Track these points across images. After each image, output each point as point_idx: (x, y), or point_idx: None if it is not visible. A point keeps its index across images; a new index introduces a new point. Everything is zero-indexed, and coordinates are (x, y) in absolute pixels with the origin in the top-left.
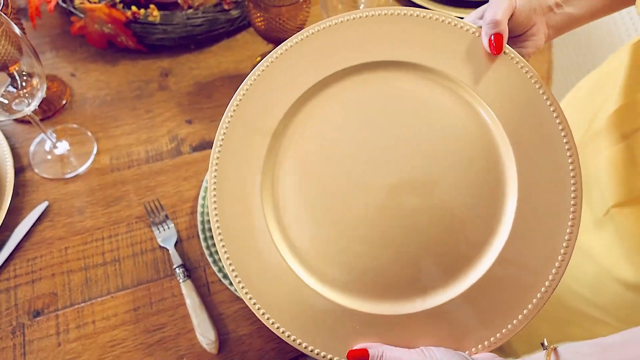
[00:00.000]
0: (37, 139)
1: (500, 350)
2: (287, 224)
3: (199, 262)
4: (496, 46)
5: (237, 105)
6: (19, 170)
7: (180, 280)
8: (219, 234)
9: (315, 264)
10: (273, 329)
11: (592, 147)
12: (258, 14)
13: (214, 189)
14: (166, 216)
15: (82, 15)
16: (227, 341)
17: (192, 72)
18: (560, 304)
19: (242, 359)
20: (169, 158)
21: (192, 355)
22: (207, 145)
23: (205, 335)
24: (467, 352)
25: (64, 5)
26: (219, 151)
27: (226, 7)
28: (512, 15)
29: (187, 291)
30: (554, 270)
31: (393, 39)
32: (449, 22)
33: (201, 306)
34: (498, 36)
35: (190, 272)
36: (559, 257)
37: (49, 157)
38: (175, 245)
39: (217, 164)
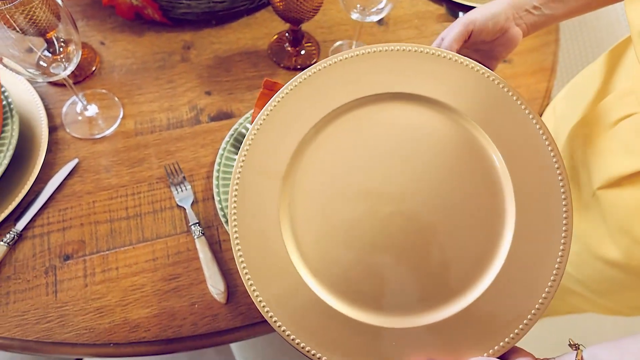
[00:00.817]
0: (69, 101)
1: None
2: (305, 251)
3: (212, 222)
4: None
5: (246, 151)
6: (52, 129)
7: (195, 237)
8: (240, 256)
9: (325, 278)
10: (280, 331)
11: (582, 135)
12: None
13: (235, 231)
14: (184, 178)
15: None
16: (235, 293)
17: (212, 46)
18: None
19: (248, 309)
20: (189, 126)
21: (203, 303)
22: (224, 116)
23: (215, 286)
24: None
25: None
26: (236, 195)
27: None
28: (470, 35)
29: (201, 246)
30: (537, 306)
31: (388, 73)
32: (444, 56)
33: (213, 260)
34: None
35: (204, 230)
36: (543, 295)
37: (80, 118)
38: (192, 205)
39: (235, 201)
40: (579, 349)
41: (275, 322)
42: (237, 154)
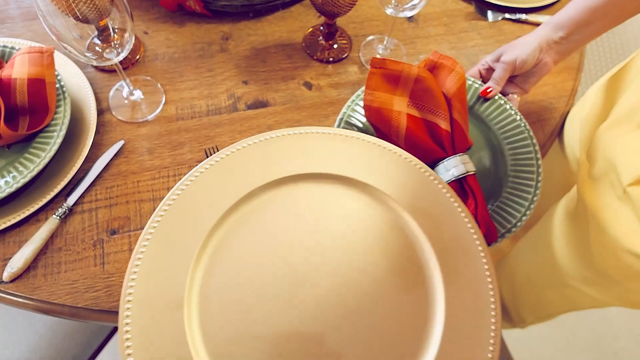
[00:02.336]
0: (115, 87)
1: (509, 319)
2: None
3: None
4: (484, 93)
5: (157, 222)
6: (100, 112)
7: None
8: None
9: None
10: None
11: (611, 134)
12: None
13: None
14: None
15: None
16: None
17: (249, 37)
18: (566, 268)
19: None
20: (227, 113)
21: None
22: (260, 104)
23: None
24: None
25: None
26: (138, 265)
27: None
28: (514, 69)
29: None
30: None
31: (302, 154)
32: (374, 143)
33: None
34: (490, 92)
35: None
36: None
37: (125, 102)
38: None
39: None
40: None
41: None
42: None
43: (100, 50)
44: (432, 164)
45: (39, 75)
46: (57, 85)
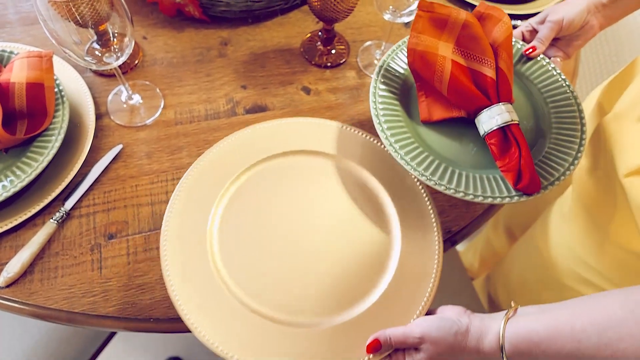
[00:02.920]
0: (114, 91)
1: None
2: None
3: None
4: (528, 52)
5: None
6: (98, 116)
7: None
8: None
9: (247, 288)
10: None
11: (612, 127)
12: None
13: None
14: None
15: None
16: None
17: (248, 43)
18: (561, 269)
19: None
20: (225, 117)
21: None
22: (258, 109)
23: None
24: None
25: None
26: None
27: None
28: (561, 28)
29: None
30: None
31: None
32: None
33: None
34: (534, 49)
35: None
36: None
37: (124, 106)
38: None
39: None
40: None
41: (199, 330)
42: (386, 85)
43: (100, 55)
44: (476, 112)
45: (38, 79)
46: (56, 90)
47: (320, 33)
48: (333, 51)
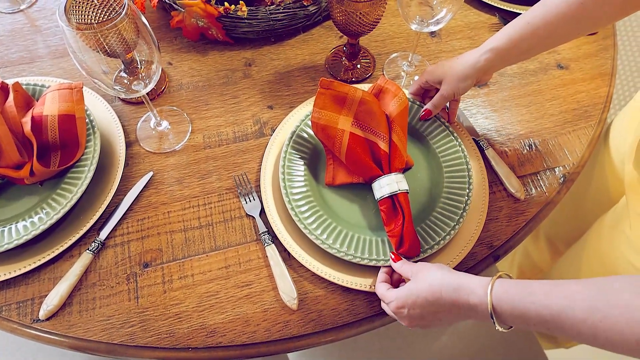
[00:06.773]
0: (142, 118)
1: (552, 339)
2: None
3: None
4: (423, 117)
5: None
6: (128, 144)
7: (265, 245)
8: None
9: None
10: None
11: None
12: (339, 8)
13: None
14: (252, 188)
15: (182, 9)
16: (305, 300)
17: (272, 62)
18: (613, 259)
19: (318, 316)
20: (254, 139)
21: (275, 310)
22: None
23: (287, 293)
24: None
25: (166, 1)
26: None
27: (305, 2)
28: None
29: (271, 254)
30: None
31: None
32: None
33: (283, 267)
34: (428, 113)
35: (273, 238)
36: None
37: (153, 133)
38: (260, 214)
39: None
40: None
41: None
42: (297, 153)
43: (128, 83)
44: (371, 180)
45: (69, 111)
46: (87, 120)
47: (344, 48)
48: (358, 66)
